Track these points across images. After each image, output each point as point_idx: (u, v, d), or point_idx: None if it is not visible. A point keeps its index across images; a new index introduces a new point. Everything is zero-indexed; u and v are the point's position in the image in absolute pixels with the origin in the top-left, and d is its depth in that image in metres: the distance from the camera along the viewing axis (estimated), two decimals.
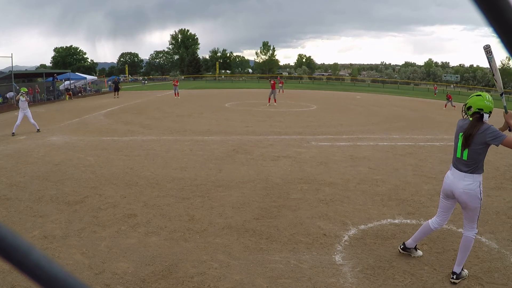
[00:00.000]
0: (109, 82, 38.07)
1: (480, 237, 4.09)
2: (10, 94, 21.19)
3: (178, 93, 25.24)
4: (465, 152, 3.07)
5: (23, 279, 3.12)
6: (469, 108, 3.15)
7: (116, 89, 26.48)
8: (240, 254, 3.68)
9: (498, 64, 3.59)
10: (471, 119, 3.12)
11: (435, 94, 37.91)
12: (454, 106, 22.35)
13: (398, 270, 3.38)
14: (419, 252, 3.67)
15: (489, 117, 3.09)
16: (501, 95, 3.30)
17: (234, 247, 3.83)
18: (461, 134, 3.13)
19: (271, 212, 4.77)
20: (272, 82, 20.08)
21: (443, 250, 3.78)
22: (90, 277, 3.23)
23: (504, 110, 3.21)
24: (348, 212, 4.78)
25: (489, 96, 3.11)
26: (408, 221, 4.54)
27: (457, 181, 3.11)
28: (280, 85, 30.20)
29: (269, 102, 19.59)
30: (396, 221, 4.54)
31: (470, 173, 3.07)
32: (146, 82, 62.80)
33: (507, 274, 3.33)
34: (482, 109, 3.05)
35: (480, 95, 3.13)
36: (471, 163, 3.07)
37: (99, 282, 3.16)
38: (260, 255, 3.65)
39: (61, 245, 3.84)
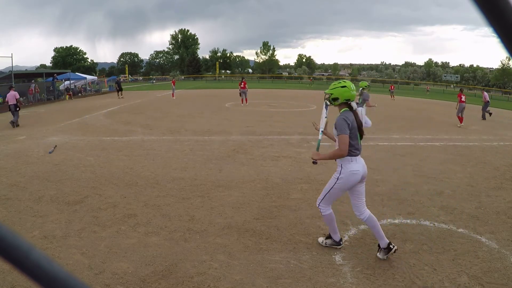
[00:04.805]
0: (109, 82, 38.02)
1: (480, 237, 4.09)
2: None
3: (173, 94, 25.20)
4: (360, 140, 3.53)
5: (23, 279, 3.12)
6: (335, 99, 3.49)
7: (120, 89, 25.72)
8: (240, 254, 3.68)
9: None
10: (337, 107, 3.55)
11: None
12: (394, 97, 27.19)
13: (398, 270, 3.38)
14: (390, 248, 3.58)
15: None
16: (321, 132, 3.82)
17: (234, 247, 3.83)
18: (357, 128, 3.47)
19: (271, 212, 4.77)
20: (242, 82, 19.68)
21: (443, 250, 3.78)
22: (90, 277, 3.23)
23: (316, 147, 3.76)
24: (348, 212, 4.78)
25: (352, 84, 3.49)
26: (408, 221, 4.54)
27: (363, 163, 3.54)
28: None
29: (242, 102, 19.58)
30: (396, 221, 4.54)
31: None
32: (155, 81, 62.88)
33: (507, 274, 3.33)
34: (349, 99, 3.47)
35: (345, 86, 3.44)
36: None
37: (99, 282, 3.16)
38: (260, 255, 3.65)
39: (61, 245, 3.84)
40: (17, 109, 12.67)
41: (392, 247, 3.52)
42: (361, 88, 9.61)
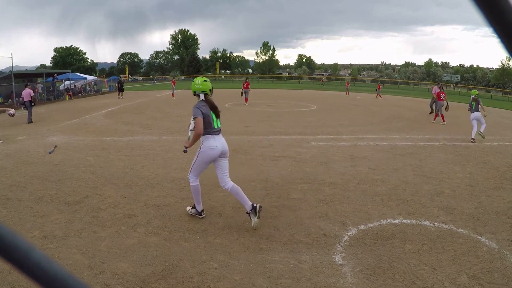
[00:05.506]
0: (109, 83, 38.00)
1: (480, 237, 4.09)
2: None
3: (173, 94, 25.45)
4: (218, 122, 4.29)
5: (23, 279, 3.12)
6: (194, 92, 4.35)
7: (121, 89, 26.04)
8: (240, 254, 3.68)
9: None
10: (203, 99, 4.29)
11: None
12: (380, 96, 29.70)
13: (398, 270, 3.38)
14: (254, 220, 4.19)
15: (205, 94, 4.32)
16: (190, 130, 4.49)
17: (234, 247, 3.83)
18: (212, 112, 4.22)
19: (271, 212, 4.76)
20: (245, 83, 20.74)
21: (443, 250, 3.78)
22: (90, 277, 3.23)
23: (188, 138, 4.52)
24: (348, 212, 4.78)
25: (200, 80, 4.36)
26: (408, 221, 4.54)
27: (223, 142, 4.31)
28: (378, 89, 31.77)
29: (246, 102, 20.40)
30: (396, 221, 4.54)
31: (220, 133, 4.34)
32: (156, 81, 62.89)
33: (507, 274, 3.33)
34: (196, 91, 4.30)
35: (194, 81, 4.37)
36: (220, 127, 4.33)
37: (99, 282, 3.16)
38: (260, 255, 3.65)
39: (61, 245, 3.84)
40: (32, 104, 13.65)
41: (255, 205, 4.13)
42: (473, 96, 10.57)
